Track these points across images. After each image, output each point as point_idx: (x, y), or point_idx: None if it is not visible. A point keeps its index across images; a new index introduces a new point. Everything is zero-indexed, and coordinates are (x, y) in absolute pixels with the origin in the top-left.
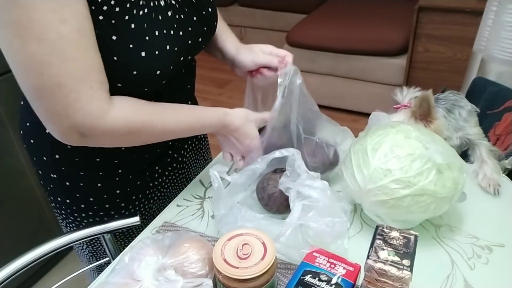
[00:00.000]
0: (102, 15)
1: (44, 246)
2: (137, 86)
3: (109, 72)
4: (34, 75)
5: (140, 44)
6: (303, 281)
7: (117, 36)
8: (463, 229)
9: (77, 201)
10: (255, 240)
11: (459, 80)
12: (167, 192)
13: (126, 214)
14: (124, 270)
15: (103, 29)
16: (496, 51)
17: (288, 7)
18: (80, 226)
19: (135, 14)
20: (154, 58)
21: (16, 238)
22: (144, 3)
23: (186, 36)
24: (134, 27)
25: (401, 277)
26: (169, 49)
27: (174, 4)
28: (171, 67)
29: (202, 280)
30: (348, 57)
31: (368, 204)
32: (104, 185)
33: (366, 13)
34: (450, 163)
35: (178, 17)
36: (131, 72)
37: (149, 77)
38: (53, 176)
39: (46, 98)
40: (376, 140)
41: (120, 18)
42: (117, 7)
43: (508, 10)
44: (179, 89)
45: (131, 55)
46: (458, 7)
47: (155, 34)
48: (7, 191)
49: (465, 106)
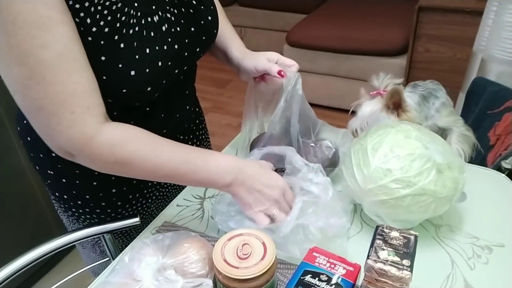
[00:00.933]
0: (91, 36)
1: (44, 246)
2: (128, 101)
3: (100, 89)
4: (19, 96)
5: (129, 63)
6: (303, 281)
7: (105, 56)
8: (463, 229)
9: (74, 197)
10: (255, 240)
11: (459, 80)
12: (166, 192)
13: (123, 212)
14: (124, 270)
15: (92, 50)
16: (496, 51)
17: (288, 7)
18: (80, 220)
19: (124, 33)
20: (144, 75)
21: (16, 238)
22: (135, 21)
23: (182, 49)
24: (124, 46)
25: (401, 277)
26: (161, 65)
27: (170, 17)
28: (164, 81)
29: (202, 280)
30: (348, 57)
31: (368, 204)
32: (100, 184)
33: (366, 13)
34: (450, 163)
35: (174, 31)
36: (120, 90)
37: (140, 93)
38: (50, 173)
39: (32, 118)
40: (376, 140)
41: (109, 39)
42: (107, 28)
43: (508, 10)
44: (176, 96)
45: (120, 74)
46: (458, 7)
47: (146, 51)
48: (7, 191)
49: (440, 97)
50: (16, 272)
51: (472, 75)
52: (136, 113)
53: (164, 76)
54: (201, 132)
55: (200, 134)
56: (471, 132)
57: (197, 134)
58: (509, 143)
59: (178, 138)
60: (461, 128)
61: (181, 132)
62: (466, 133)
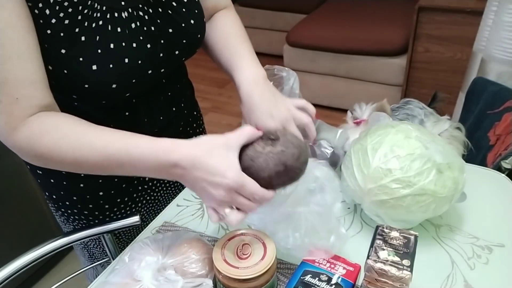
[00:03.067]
0: (50, 29)
1: (44, 246)
2: (93, 99)
3: (62, 84)
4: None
5: (91, 57)
6: (303, 281)
7: (65, 49)
8: (463, 229)
9: (62, 197)
10: (255, 240)
11: (459, 80)
12: (158, 196)
13: (111, 216)
14: (124, 270)
15: (52, 42)
16: (496, 51)
17: (288, 7)
18: (69, 220)
19: (86, 26)
20: (108, 71)
21: (16, 238)
22: (99, 15)
23: (156, 49)
24: (85, 39)
25: (401, 277)
26: (128, 62)
27: (143, 15)
28: (134, 80)
29: (202, 280)
30: (348, 57)
31: (368, 204)
32: (87, 186)
33: (366, 13)
34: (450, 163)
35: (146, 29)
36: (82, 85)
37: (103, 90)
38: (39, 172)
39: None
40: (376, 140)
41: (69, 31)
42: (67, 20)
43: (508, 10)
44: (156, 98)
45: (81, 68)
46: (458, 7)
47: (110, 47)
48: (7, 191)
49: (418, 115)
50: (16, 272)
51: (472, 75)
52: (118, 118)
53: (133, 75)
54: (198, 131)
55: (197, 134)
56: (461, 129)
57: (191, 133)
58: (509, 143)
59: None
60: (449, 129)
61: (174, 135)
62: (454, 133)
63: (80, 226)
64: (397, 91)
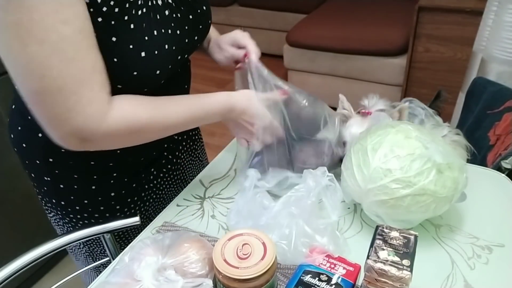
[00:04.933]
0: (101, 17)
1: (44, 246)
2: (137, 87)
3: (109, 74)
4: (35, 78)
5: (140, 44)
6: (303, 281)
7: (116, 37)
8: (463, 229)
9: (71, 203)
10: (255, 240)
11: (459, 80)
12: (162, 194)
13: (121, 216)
14: (124, 270)
15: (103, 31)
16: (496, 51)
17: (288, 7)
18: (77, 227)
19: (134, 14)
20: (153, 58)
21: (16, 238)
22: (142, 3)
23: (183, 35)
24: (134, 27)
25: (401, 277)
26: (167, 49)
27: (171, 3)
28: (170, 66)
29: (202, 280)
30: (348, 57)
31: (368, 204)
32: (99, 188)
33: (366, 13)
34: (450, 163)
35: (175, 16)
36: (131, 73)
37: (149, 77)
38: (46, 179)
39: (46, 101)
40: (376, 140)
41: (119, 19)
42: (117, 8)
43: (508, 10)
44: (176, 88)
45: (131, 55)
46: (458, 7)
47: (154, 33)
48: (7, 191)
49: (418, 115)
50: (16, 272)
51: (472, 75)
52: None
53: (170, 61)
54: (194, 133)
55: (193, 135)
56: (461, 134)
57: (190, 134)
58: (509, 143)
59: (173, 138)
60: (448, 135)
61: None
62: (455, 138)
63: None
64: (397, 91)
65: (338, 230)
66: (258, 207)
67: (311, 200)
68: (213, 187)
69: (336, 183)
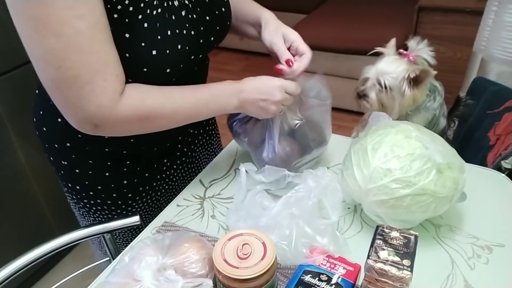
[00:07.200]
0: (117, 14)
1: (44, 246)
2: (147, 83)
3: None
4: (52, 68)
5: (152, 43)
6: (303, 281)
7: (130, 34)
8: (463, 229)
9: (86, 188)
10: (255, 240)
11: (459, 80)
12: (175, 185)
13: (133, 204)
14: (124, 270)
15: (117, 27)
16: (496, 51)
17: (288, 7)
18: (90, 212)
19: (148, 13)
20: (164, 56)
21: (16, 238)
22: (158, 3)
23: (197, 36)
24: (147, 26)
25: (401, 277)
26: (180, 49)
27: (188, 4)
28: (182, 65)
29: (202, 280)
30: (348, 57)
31: (368, 204)
32: (112, 175)
33: (366, 13)
34: (450, 163)
35: (190, 17)
36: (141, 70)
37: (159, 74)
38: (63, 163)
39: (62, 90)
40: (376, 140)
41: (133, 17)
42: (131, 7)
43: (508, 10)
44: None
45: (142, 53)
46: (458, 7)
47: (167, 33)
48: (7, 191)
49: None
50: (16, 272)
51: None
52: None
53: (182, 60)
54: (211, 128)
55: (210, 130)
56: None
57: (206, 128)
58: (509, 143)
59: (188, 131)
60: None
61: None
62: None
63: (101, 219)
64: None
65: (338, 230)
66: (258, 208)
67: (312, 201)
68: (213, 187)
69: (336, 183)
